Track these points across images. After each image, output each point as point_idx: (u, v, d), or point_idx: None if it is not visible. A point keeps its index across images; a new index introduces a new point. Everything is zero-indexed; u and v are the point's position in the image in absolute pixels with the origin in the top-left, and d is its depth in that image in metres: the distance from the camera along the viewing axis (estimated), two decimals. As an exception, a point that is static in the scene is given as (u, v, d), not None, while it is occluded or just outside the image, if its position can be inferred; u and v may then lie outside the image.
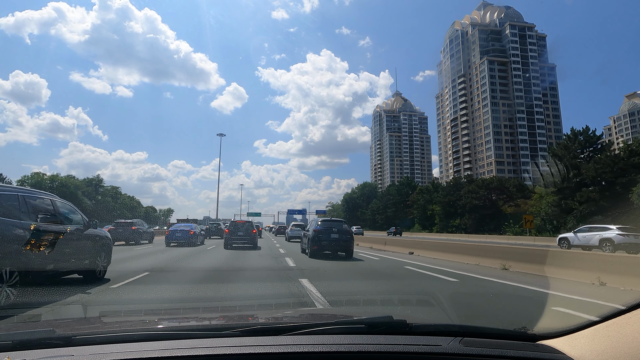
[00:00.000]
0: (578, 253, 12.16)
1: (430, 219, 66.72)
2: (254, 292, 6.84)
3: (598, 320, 1.31)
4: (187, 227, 22.05)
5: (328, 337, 1.33)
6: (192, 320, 2.20)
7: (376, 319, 1.58)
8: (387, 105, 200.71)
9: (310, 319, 1.96)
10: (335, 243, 13.85)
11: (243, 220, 23.19)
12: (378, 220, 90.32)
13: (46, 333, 1.34)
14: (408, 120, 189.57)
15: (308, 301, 5.56)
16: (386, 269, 11.34)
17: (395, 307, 5.43)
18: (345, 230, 14.20)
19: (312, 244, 13.77)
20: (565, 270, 9.00)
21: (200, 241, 23.24)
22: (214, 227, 34.56)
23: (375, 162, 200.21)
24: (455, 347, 1.32)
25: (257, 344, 1.28)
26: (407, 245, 18.52)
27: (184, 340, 1.31)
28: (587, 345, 1.27)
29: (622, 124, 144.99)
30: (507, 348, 1.34)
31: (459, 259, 13.62)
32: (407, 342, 1.35)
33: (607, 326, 1.27)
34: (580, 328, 1.36)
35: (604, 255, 10.87)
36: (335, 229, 14.04)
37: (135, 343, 1.27)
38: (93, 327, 1.82)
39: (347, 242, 13.92)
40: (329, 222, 14.83)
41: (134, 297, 6.09)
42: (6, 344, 1.22)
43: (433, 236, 51.63)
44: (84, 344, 1.27)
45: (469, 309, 5.43)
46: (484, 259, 12.29)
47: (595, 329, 1.31)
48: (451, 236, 49.19)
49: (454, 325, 1.63)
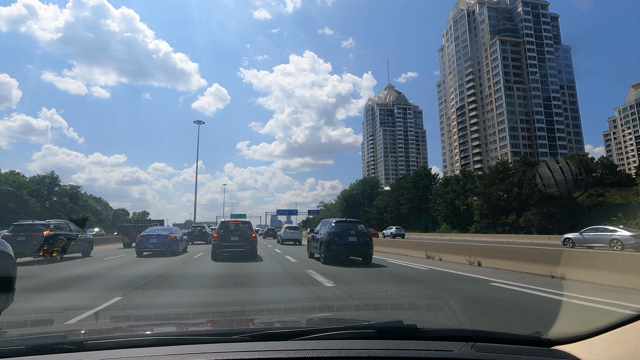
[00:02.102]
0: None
1: (464, 215, 53.38)
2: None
3: (616, 325, 1.25)
4: (165, 231, 18.32)
5: (338, 342, 1.33)
6: (201, 325, 2.21)
7: (386, 323, 1.53)
8: (379, 99, 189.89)
9: (319, 324, 1.98)
10: (353, 247, 12.72)
11: (237, 220, 16.45)
12: (387, 219, 76.76)
13: (58, 338, 1.34)
14: (403, 114, 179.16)
15: (318, 305, 5.50)
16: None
17: (406, 312, 5.17)
18: (364, 233, 13.00)
19: (327, 249, 12.56)
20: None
21: (183, 248, 19.45)
22: (198, 230, 31.37)
23: (368, 158, 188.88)
24: (467, 352, 1.28)
25: (267, 349, 1.27)
26: (466, 252, 12.72)
27: (193, 345, 1.32)
28: (604, 351, 1.21)
29: (628, 115, 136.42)
30: (521, 354, 1.29)
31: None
32: (418, 347, 1.32)
33: (625, 330, 1.21)
34: (597, 333, 1.30)
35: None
36: (353, 231, 12.87)
37: (145, 348, 1.29)
38: (104, 332, 1.81)
39: (367, 245, 12.76)
40: (345, 224, 13.39)
41: (144, 302, 6.13)
42: (19, 349, 1.24)
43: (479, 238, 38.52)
44: (95, 349, 1.28)
45: (481, 313, 5.23)
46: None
47: (612, 333, 1.24)
48: (511, 237, 36.03)
49: (465, 330, 1.57)
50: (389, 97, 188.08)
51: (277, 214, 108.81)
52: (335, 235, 12.57)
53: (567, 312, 5.40)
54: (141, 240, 17.04)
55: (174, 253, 17.02)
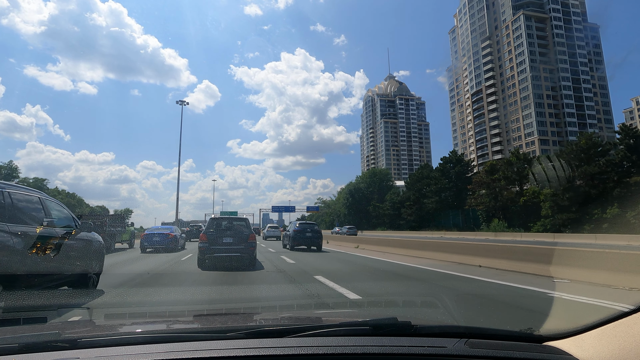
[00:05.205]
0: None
1: (522, 210, 41.32)
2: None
3: (605, 321, 1.28)
4: (166, 230, 19.92)
5: (332, 339, 1.33)
6: (196, 322, 2.20)
7: (381, 320, 1.54)
8: (380, 90, 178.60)
9: (314, 320, 1.99)
10: (309, 239, 18.77)
11: (232, 217, 14.11)
12: (405, 215, 64.65)
13: (52, 336, 1.35)
14: (405, 105, 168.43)
15: (313, 302, 5.76)
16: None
17: (400, 309, 5.30)
18: (316, 230, 19.39)
19: (293, 241, 18.72)
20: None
21: (181, 245, 21.31)
22: (195, 229, 32.16)
23: (367, 152, 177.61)
24: (460, 348, 1.31)
25: (262, 346, 1.28)
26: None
27: (188, 342, 1.31)
28: (595, 346, 1.25)
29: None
30: (513, 349, 1.31)
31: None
32: (412, 344, 1.33)
33: (615, 327, 1.24)
34: (587, 329, 1.32)
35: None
36: (309, 229, 19.22)
37: (140, 345, 1.28)
38: (98, 330, 1.80)
39: (318, 238, 18.95)
40: (305, 225, 20.10)
41: (139, 299, 6.29)
42: (13, 347, 1.23)
43: (576, 239, 26.91)
44: (89, 346, 1.27)
45: (475, 310, 5.36)
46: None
47: (602, 329, 1.28)
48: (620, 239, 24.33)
49: (459, 326, 1.58)
50: (390, 88, 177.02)
51: (272, 211, 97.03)
52: (298, 232, 18.93)
53: (558, 309, 5.55)
54: (145, 238, 18.80)
55: (174, 250, 18.84)
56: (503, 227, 41.05)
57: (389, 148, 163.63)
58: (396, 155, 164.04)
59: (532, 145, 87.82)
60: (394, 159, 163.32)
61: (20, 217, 5.21)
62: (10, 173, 77.01)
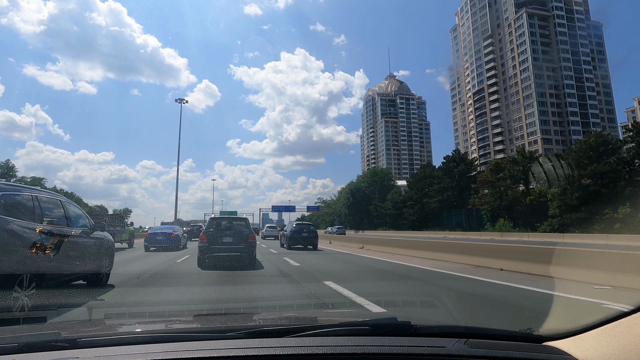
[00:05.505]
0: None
1: (527, 210, 40.36)
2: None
3: (605, 321, 1.28)
4: (169, 229, 20.48)
5: (332, 339, 1.33)
6: (195, 322, 2.20)
7: (380, 320, 1.53)
8: (380, 89, 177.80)
9: (314, 320, 2.01)
10: (305, 239, 19.82)
11: (231, 216, 14.25)
12: (407, 215, 63.64)
13: (51, 335, 1.35)
14: (405, 105, 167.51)
15: (312, 302, 5.68)
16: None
17: (400, 309, 5.40)
18: (312, 231, 20.37)
19: (290, 241, 19.81)
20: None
21: (183, 244, 21.89)
22: (196, 229, 31.96)
23: (368, 152, 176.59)
24: (460, 348, 1.31)
25: (261, 345, 1.28)
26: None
27: (187, 342, 1.31)
28: (594, 346, 1.25)
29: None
30: (513, 349, 1.31)
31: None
32: (412, 344, 1.33)
33: (614, 327, 1.24)
34: (587, 329, 1.32)
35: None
36: (305, 229, 20.25)
37: (139, 345, 1.28)
38: (98, 330, 1.80)
39: (314, 238, 20.07)
40: (301, 225, 21.07)
41: (139, 299, 6.23)
42: (12, 347, 1.23)
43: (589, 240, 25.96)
44: (88, 346, 1.27)
45: (474, 310, 5.25)
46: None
47: (602, 329, 1.28)
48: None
49: (458, 326, 1.57)
50: (391, 87, 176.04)
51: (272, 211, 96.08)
52: (295, 232, 19.95)
53: (558, 309, 5.50)
54: (149, 237, 19.53)
55: (177, 248, 19.35)
56: (509, 227, 40.09)
57: (390, 148, 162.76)
58: (397, 155, 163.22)
59: (535, 145, 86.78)
60: (395, 158, 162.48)
61: (50, 218, 5.58)
62: (7, 172, 76.27)
